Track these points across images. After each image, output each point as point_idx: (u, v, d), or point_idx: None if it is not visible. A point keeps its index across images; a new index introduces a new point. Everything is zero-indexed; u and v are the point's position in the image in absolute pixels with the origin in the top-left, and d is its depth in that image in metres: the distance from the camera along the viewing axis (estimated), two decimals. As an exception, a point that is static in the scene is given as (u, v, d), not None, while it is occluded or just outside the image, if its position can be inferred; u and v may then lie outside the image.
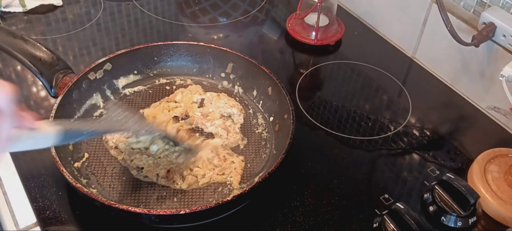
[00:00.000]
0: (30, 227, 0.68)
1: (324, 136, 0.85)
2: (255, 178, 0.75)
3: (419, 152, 0.83)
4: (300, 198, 0.74)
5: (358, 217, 0.72)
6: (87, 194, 0.64)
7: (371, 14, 1.13)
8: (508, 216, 0.71)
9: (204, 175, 0.74)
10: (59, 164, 0.67)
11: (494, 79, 0.88)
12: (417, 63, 1.04)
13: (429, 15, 0.98)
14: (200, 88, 0.90)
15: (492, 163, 0.78)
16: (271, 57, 1.04)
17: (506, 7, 0.85)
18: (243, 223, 0.70)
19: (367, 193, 0.76)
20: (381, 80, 0.98)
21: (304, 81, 0.97)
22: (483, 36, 0.85)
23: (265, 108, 0.87)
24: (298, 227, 0.70)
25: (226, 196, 0.73)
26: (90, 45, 1.02)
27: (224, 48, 0.90)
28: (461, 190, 0.68)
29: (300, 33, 1.07)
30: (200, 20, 1.13)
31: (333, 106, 0.91)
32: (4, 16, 1.06)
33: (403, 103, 0.93)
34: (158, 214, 0.63)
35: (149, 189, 0.73)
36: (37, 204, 0.71)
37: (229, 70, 0.91)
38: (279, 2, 1.20)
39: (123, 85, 0.89)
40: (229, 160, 0.77)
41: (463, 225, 0.70)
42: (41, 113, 0.85)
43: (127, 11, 1.12)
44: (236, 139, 0.81)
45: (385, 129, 0.87)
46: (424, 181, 0.78)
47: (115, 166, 0.76)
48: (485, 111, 0.92)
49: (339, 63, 1.03)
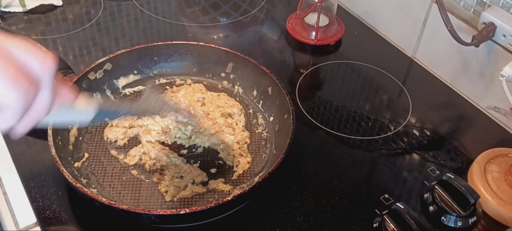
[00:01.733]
0: (30, 227, 0.68)
1: (324, 136, 0.85)
2: (255, 178, 0.75)
3: (419, 152, 0.83)
4: (300, 198, 0.74)
5: (358, 217, 0.72)
6: (87, 194, 0.64)
7: (371, 14, 1.13)
8: (508, 216, 0.71)
9: (186, 185, 0.74)
10: (59, 164, 0.67)
11: (494, 79, 0.88)
12: (417, 63, 1.04)
13: (429, 15, 0.98)
14: (203, 86, 0.90)
15: (492, 163, 0.78)
16: (271, 57, 1.04)
17: (506, 7, 0.85)
18: (243, 223, 0.70)
19: (367, 193, 0.76)
20: (381, 80, 0.98)
21: (304, 81, 0.97)
22: (483, 36, 0.85)
23: (265, 108, 0.87)
24: (298, 227, 0.70)
25: (226, 196, 0.73)
26: (90, 45, 1.02)
27: (224, 48, 0.90)
28: (461, 190, 0.68)
29: (300, 33, 1.07)
30: (200, 20, 1.13)
31: (333, 106, 0.91)
32: (4, 16, 1.06)
33: (403, 103, 0.93)
34: (158, 214, 0.64)
35: (149, 189, 0.73)
36: (37, 204, 0.71)
37: (229, 70, 0.91)
38: (279, 2, 1.20)
39: (123, 85, 0.89)
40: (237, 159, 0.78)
41: (463, 225, 0.69)
42: (41, 113, 0.85)
43: (127, 11, 1.12)
44: (244, 137, 0.82)
45: (385, 129, 0.87)
46: (424, 181, 0.78)
47: (115, 166, 0.76)
48: (485, 111, 0.92)
49: (339, 63, 1.03)
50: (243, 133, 0.83)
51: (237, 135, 0.82)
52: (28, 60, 0.45)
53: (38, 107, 0.47)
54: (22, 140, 0.80)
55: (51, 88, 0.47)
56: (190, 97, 0.87)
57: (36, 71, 0.45)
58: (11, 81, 0.43)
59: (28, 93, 0.45)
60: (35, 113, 0.47)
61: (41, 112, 0.48)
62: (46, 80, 0.46)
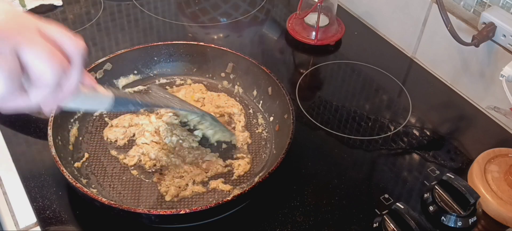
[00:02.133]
0: (30, 227, 0.68)
1: (324, 136, 0.85)
2: (255, 178, 0.75)
3: (419, 152, 0.83)
4: (300, 198, 0.74)
5: (358, 217, 0.72)
6: (87, 194, 0.64)
7: (371, 14, 1.13)
8: (508, 216, 0.71)
9: (186, 185, 0.74)
10: (59, 164, 0.67)
11: (494, 79, 0.88)
12: (417, 63, 1.04)
13: (429, 15, 0.98)
14: (203, 86, 0.90)
15: (492, 163, 0.78)
16: (271, 57, 1.04)
17: (506, 7, 0.85)
18: (243, 223, 0.70)
19: (367, 193, 0.76)
20: (381, 80, 0.98)
21: (304, 81, 0.97)
22: (483, 36, 0.85)
23: (265, 108, 0.87)
24: (298, 227, 0.70)
25: (226, 196, 0.73)
26: (90, 45, 1.02)
27: (224, 48, 0.90)
28: (461, 190, 0.68)
29: (300, 33, 1.07)
30: (200, 20, 1.13)
31: (333, 106, 0.91)
32: (4, 16, 1.06)
33: (403, 103, 0.93)
34: (158, 214, 0.64)
35: (149, 189, 0.73)
36: (37, 204, 0.71)
37: (229, 70, 0.91)
38: (279, 2, 1.20)
39: (123, 85, 0.89)
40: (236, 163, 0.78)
41: (463, 225, 0.69)
42: (41, 113, 0.85)
43: (127, 11, 1.12)
44: (244, 137, 0.82)
45: (385, 129, 0.87)
46: (424, 181, 0.78)
47: (115, 166, 0.76)
48: (485, 111, 0.92)
49: (339, 63, 1.03)
50: (243, 133, 0.83)
51: (237, 135, 0.82)
52: (62, 40, 0.49)
53: (69, 84, 0.50)
54: (22, 140, 0.80)
55: (81, 69, 0.51)
56: (190, 97, 0.87)
57: (69, 51, 0.50)
58: (48, 58, 0.47)
59: (62, 70, 0.48)
60: (66, 91, 0.50)
61: (70, 90, 0.51)
62: (76, 61, 0.50)
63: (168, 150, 0.78)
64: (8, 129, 0.81)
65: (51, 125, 0.72)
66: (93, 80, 0.58)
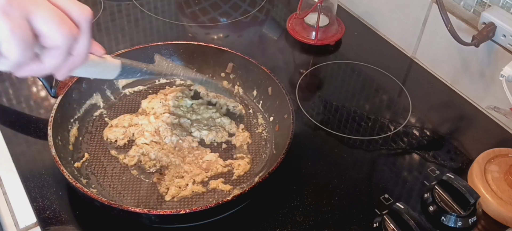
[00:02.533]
0: (30, 227, 0.68)
1: (324, 136, 0.85)
2: (255, 178, 0.75)
3: (419, 152, 0.83)
4: (300, 198, 0.74)
5: (358, 217, 0.72)
6: (87, 194, 0.64)
7: (371, 14, 1.13)
8: (508, 216, 0.71)
9: (186, 185, 0.74)
10: (59, 164, 0.67)
11: (494, 79, 0.88)
12: (417, 63, 1.04)
13: (429, 15, 0.98)
14: (203, 87, 0.90)
15: (492, 163, 0.78)
16: (271, 57, 1.04)
17: (506, 7, 0.85)
18: (243, 223, 0.70)
19: (367, 193, 0.76)
20: (381, 80, 0.98)
21: (304, 81, 0.97)
22: (483, 36, 0.85)
23: (265, 108, 0.87)
24: (298, 227, 0.70)
25: (226, 196, 0.73)
26: (90, 45, 1.01)
27: (224, 48, 0.90)
28: (461, 190, 0.68)
29: (300, 33, 1.07)
30: (200, 20, 1.13)
31: (333, 106, 0.91)
32: (4, 16, 1.06)
33: (403, 103, 0.93)
34: (158, 214, 0.64)
35: (149, 189, 0.73)
36: (37, 204, 0.71)
37: (229, 70, 0.91)
38: (279, 2, 1.20)
39: (123, 85, 0.89)
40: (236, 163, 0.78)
41: (463, 225, 0.70)
42: (41, 114, 0.85)
43: (127, 11, 1.12)
44: (244, 137, 0.82)
45: (385, 129, 0.87)
46: (424, 181, 0.78)
47: (115, 166, 0.76)
48: (485, 111, 0.92)
49: (339, 63, 1.03)
50: (243, 133, 0.83)
51: (237, 135, 0.82)
52: (70, 7, 0.50)
53: (79, 50, 0.51)
54: (22, 140, 0.80)
55: (89, 35, 0.52)
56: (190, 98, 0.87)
57: (77, 18, 0.50)
58: (59, 22, 0.48)
59: (72, 35, 0.49)
60: (76, 57, 0.51)
61: (81, 56, 0.52)
62: (85, 27, 0.51)
63: (168, 150, 0.78)
64: (8, 129, 0.81)
65: (51, 125, 0.72)
66: (101, 48, 0.59)
